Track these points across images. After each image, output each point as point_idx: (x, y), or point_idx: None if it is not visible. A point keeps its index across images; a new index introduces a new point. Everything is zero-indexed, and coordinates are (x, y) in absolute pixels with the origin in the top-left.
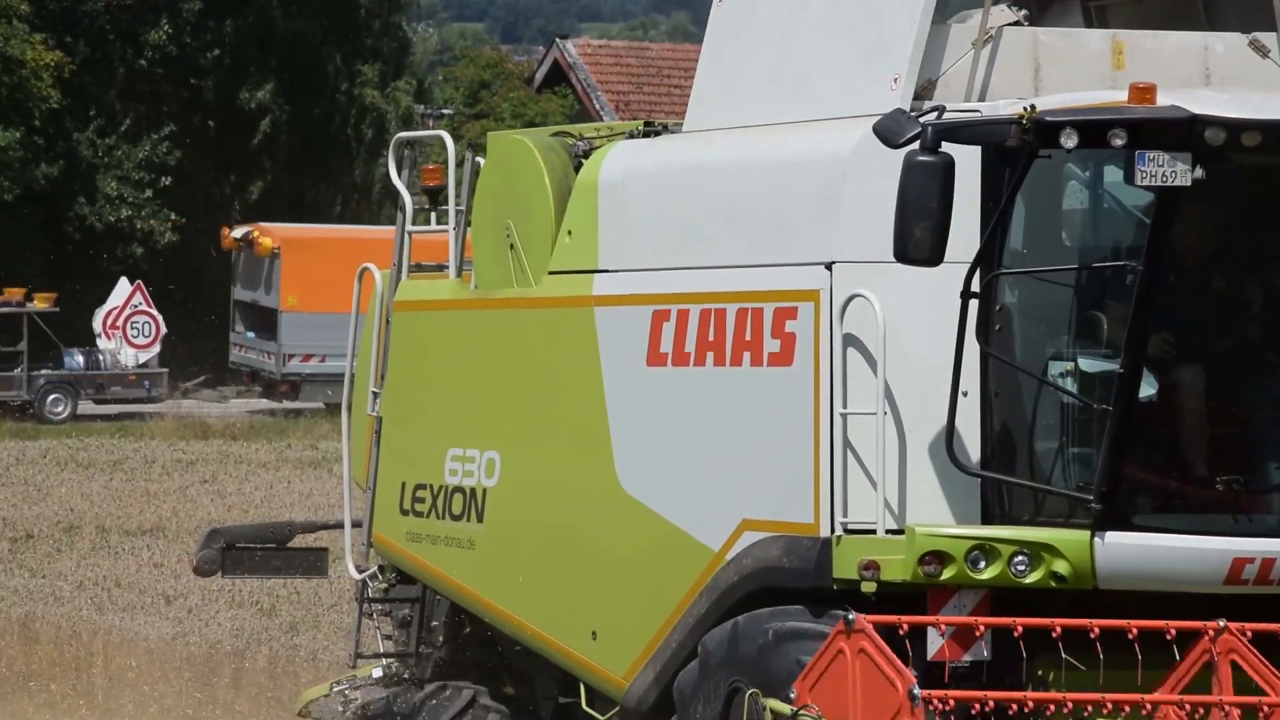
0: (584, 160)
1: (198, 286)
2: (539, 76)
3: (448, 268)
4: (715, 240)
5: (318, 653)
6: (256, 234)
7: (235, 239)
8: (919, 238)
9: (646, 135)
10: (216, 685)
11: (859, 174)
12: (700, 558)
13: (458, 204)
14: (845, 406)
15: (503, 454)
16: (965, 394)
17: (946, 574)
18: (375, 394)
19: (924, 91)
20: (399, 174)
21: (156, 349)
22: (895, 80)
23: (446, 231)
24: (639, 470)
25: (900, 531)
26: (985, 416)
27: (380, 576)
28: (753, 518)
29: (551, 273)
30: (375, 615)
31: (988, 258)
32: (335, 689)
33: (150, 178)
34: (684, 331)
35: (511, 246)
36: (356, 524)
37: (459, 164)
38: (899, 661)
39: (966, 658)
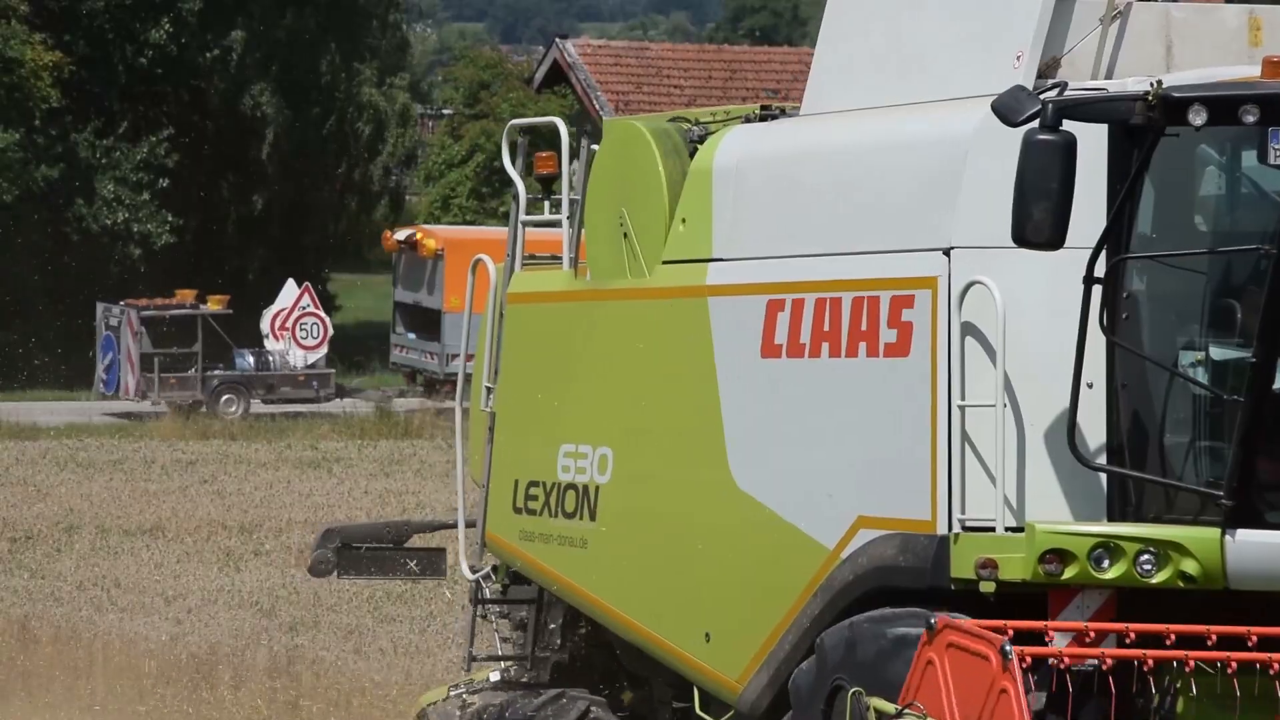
0: (699, 146)
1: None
2: (539, 76)
3: (562, 259)
4: (830, 226)
5: (318, 653)
6: (420, 236)
7: (398, 241)
8: (1038, 220)
9: (763, 119)
10: (216, 685)
11: (979, 155)
12: (815, 556)
13: (571, 193)
14: (963, 398)
15: (615, 450)
16: (1090, 385)
17: (1068, 573)
18: (489, 390)
19: (1048, 70)
20: (512, 162)
21: (324, 350)
22: (1018, 58)
23: (560, 221)
24: (753, 466)
25: (1020, 529)
26: (1110, 408)
27: (494, 577)
28: (868, 514)
29: (665, 262)
30: (492, 617)
31: (1113, 242)
32: (453, 693)
33: (148, 179)
34: (799, 321)
35: (625, 235)
36: (471, 524)
37: (573, 152)
38: (987, 631)
39: (1089, 662)
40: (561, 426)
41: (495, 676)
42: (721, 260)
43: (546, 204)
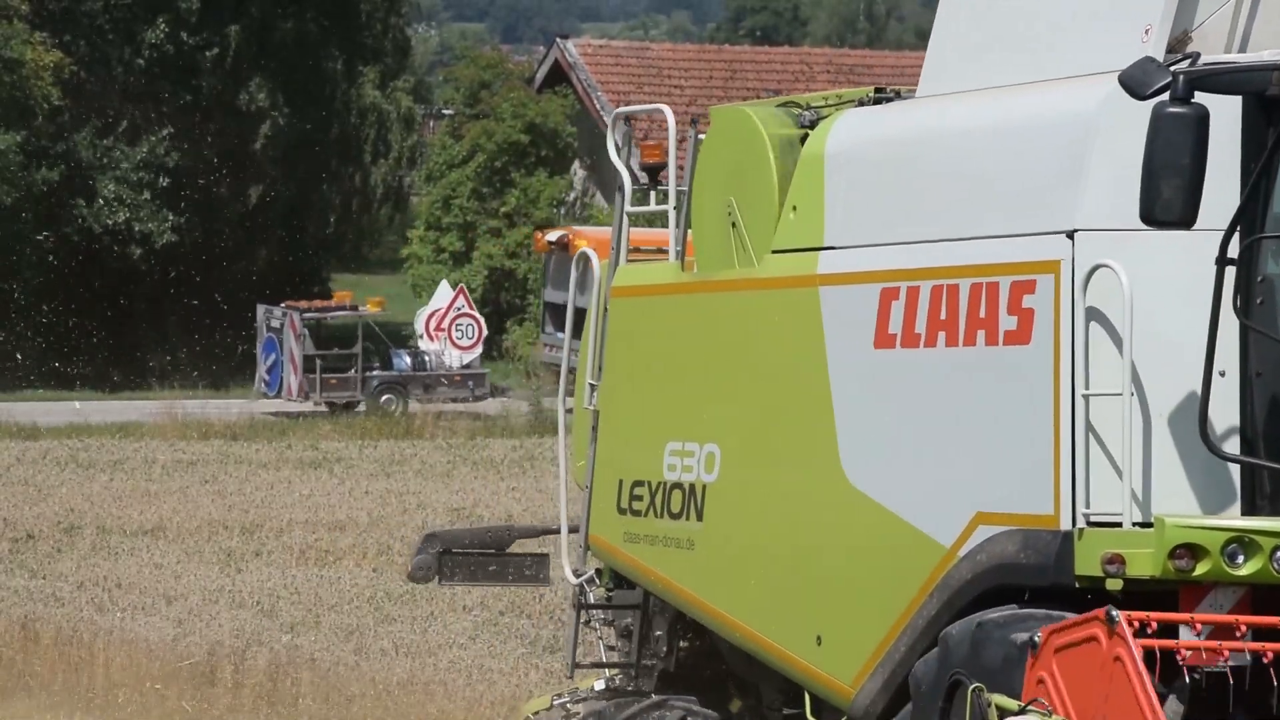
0: (809, 131)
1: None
2: (539, 76)
3: (668, 251)
4: (947, 211)
5: (318, 653)
6: (570, 237)
7: (549, 242)
8: (1168, 197)
9: (876, 103)
10: (217, 685)
11: (1105, 133)
12: (931, 554)
13: (678, 182)
14: (1088, 388)
15: (723, 447)
16: (1222, 373)
17: (1200, 569)
18: (592, 386)
19: (1177, 44)
20: (618, 152)
21: (479, 350)
22: (1146, 31)
23: (665, 212)
24: (865, 461)
25: (1148, 524)
26: (1244, 397)
27: (598, 580)
28: (987, 510)
29: (775, 251)
30: (595, 624)
31: (1248, 221)
32: (556, 701)
33: (149, 178)
34: (914, 310)
35: (733, 225)
36: (574, 528)
37: (680, 140)
38: (1088, 615)
39: (1226, 662)
40: (667, 423)
41: (600, 685)
42: (833, 248)
43: (652, 195)
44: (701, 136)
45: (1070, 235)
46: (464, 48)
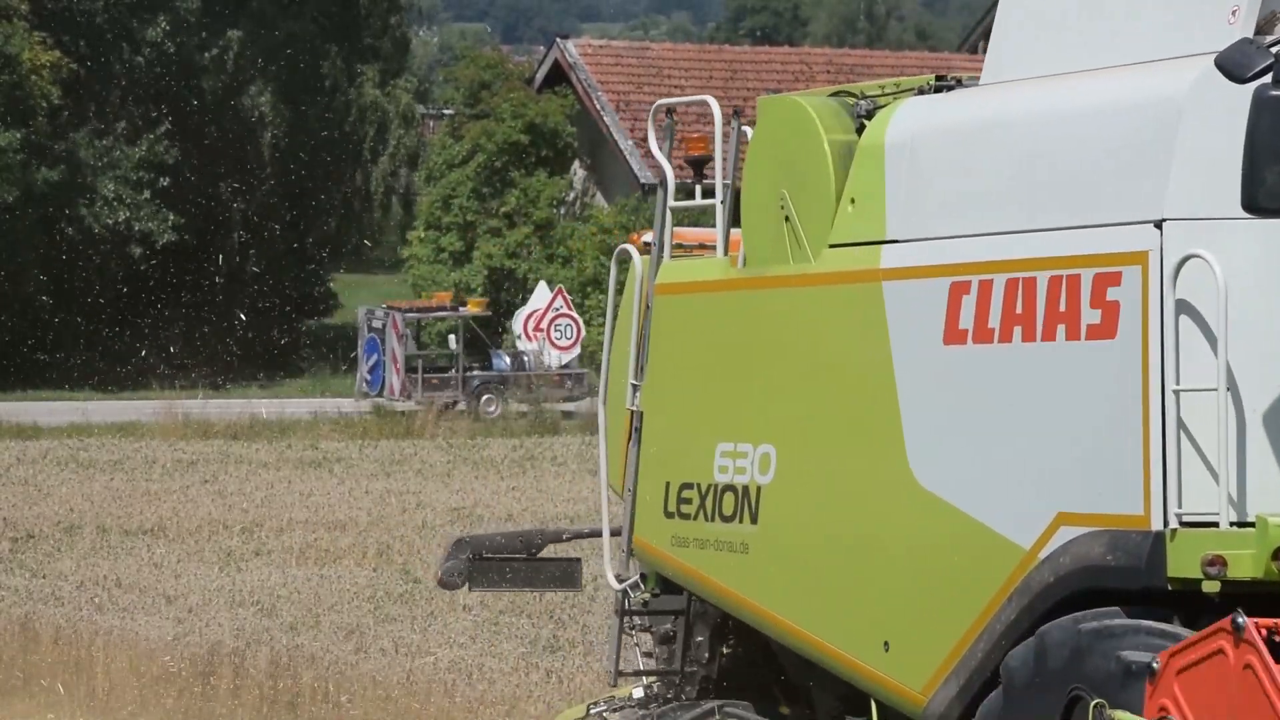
0: (866, 121)
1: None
2: (539, 76)
3: (713, 247)
4: (1022, 201)
5: (318, 653)
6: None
7: (645, 243)
8: (1271, 184)
9: (938, 91)
10: (217, 685)
11: (1194, 118)
12: (1009, 557)
13: (724, 175)
14: (1179, 383)
15: (778, 447)
16: None
17: None
18: (634, 387)
19: (1266, 25)
20: (659, 145)
21: (577, 350)
22: (1233, 12)
23: (712, 205)
24: (936, 461)
25: (1246, 524)
26: None
27: (642, 586)
28: (1070, 511)
29: (832, 246)
30: (633, 631)
31: None
32: (592, 710)
33: (149, 177)
34: (986, 305)
35: (786, 219)
36: (614, 532)
37: (725, 132)
38: (1209, 630)
39: None
40: (718, 424)
41: (639, 693)
42: (897, 242)
43: (698, 188)
44: (745, 129)
45: (1158, 225)
46: (464, 48)
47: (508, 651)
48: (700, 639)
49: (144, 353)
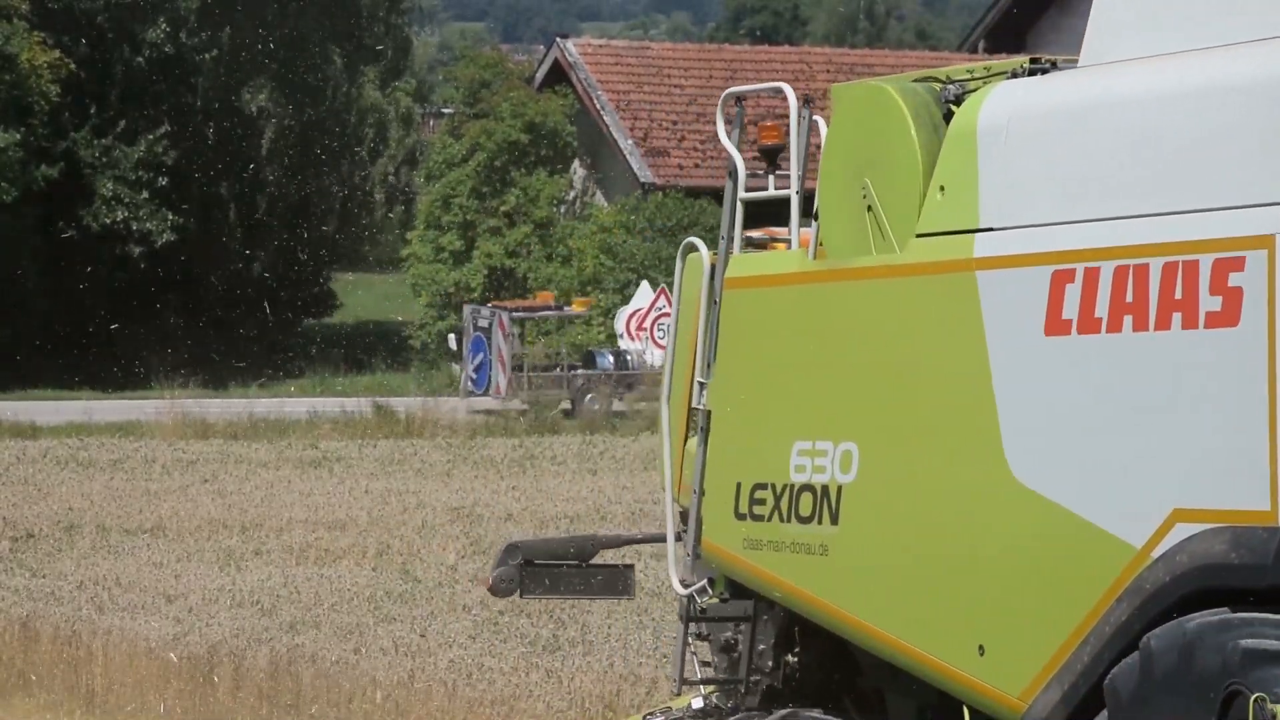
0: (954, 107)
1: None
2: (539, 76)
3: (783, 239)
4: (1131, 185)
5: (318, 653)
6: (769, 237)
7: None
8: None
9: (1033, 73)
10: (217, 685)
11: None
12: (1118, 556)
13: (799, 165)
14: None
15: (861, 445)
16: None
17: None
18: (701, 385)
19: None
20: (728, 133)
21: None
22: None
23: (786, 196)
24: (1036, 456)
25: None
26: None
27: (710, 591)
28: (1187, 507)
29: (919, 235)
30: (690, 638)
31: None
32: None
33: (148, 177)
34: (1093, 293)
35: (869, 209)
36: (676, 536)
37: (800, 120)
38: None
39: None
40: (794, 422)
41: (698, 703)
42: (991, 230)
43: (771, 179)
44: (817, 118)
45: None
46: (464, 47)
47: (508, 651)
48: (763, 646)
49: (144, 352)
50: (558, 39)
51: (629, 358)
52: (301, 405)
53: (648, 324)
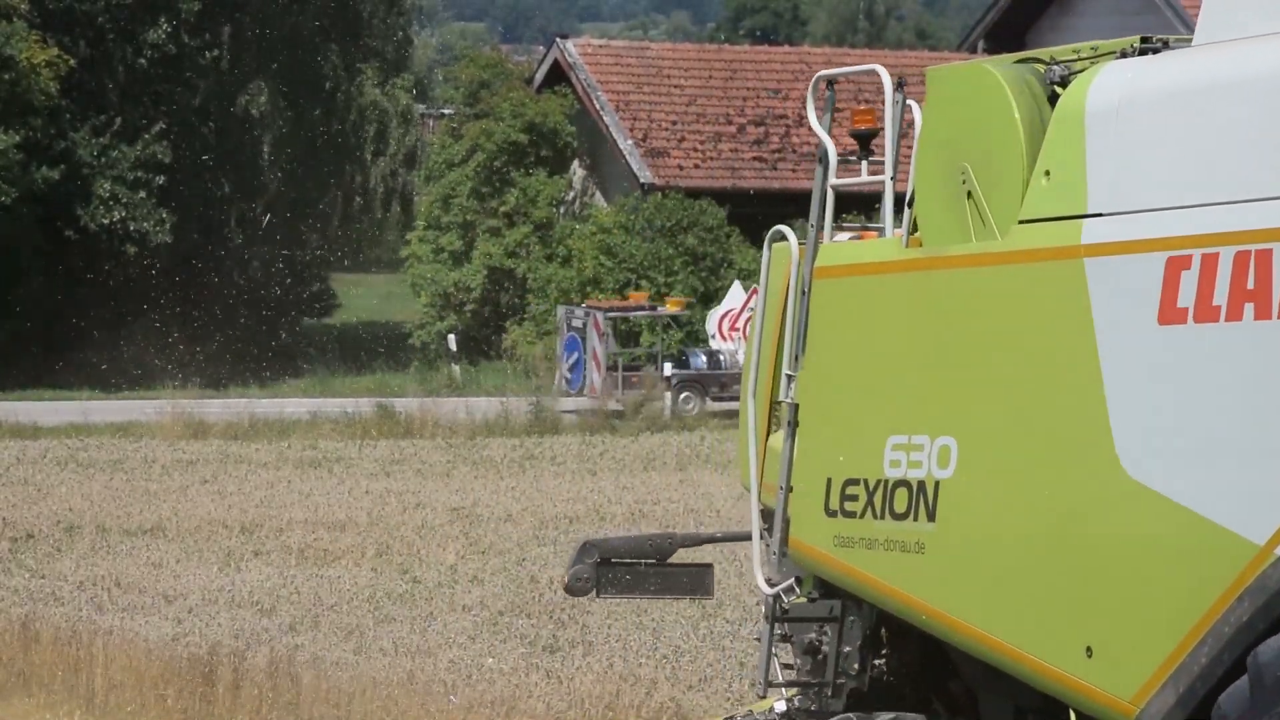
0: (1059, 89)
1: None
2: (539, 76)
3: (874, 227)
4: (1257, 168)
5: (318, 653)
6: (862, 235)
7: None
8: None
9: (1144, 53)
10: (216, 685)
11: None
12: (1238, 554)
13: (893, 150)
14: None
15: (960, 439)
16: None
17: None
18: (789, 378)
19: None
20: (818, 118)
21: None
22: None
23: (879, 183)
24: (1149, 451)
25: None
26: None
27: (798, 590)
28: None
29: (1022, 221)
30: (781, 638)
31: None
32: None
33: (145, 177)
34: (1211, 280)
35: (969, 194)
36: (745, 534)
37: (894, 104)
38: None
39: None
40: (888, 415)
41: (780, 706)
42: (1100, 215)
43: (864, 164)
44: (910, 101)
45: None
46: (464, 48)
47: (508, 651)
48: (849, 648)
49: (144, 352)
50: (557, 39)
51: (721, 358)
52: (301, 405)
53: (740, 324)
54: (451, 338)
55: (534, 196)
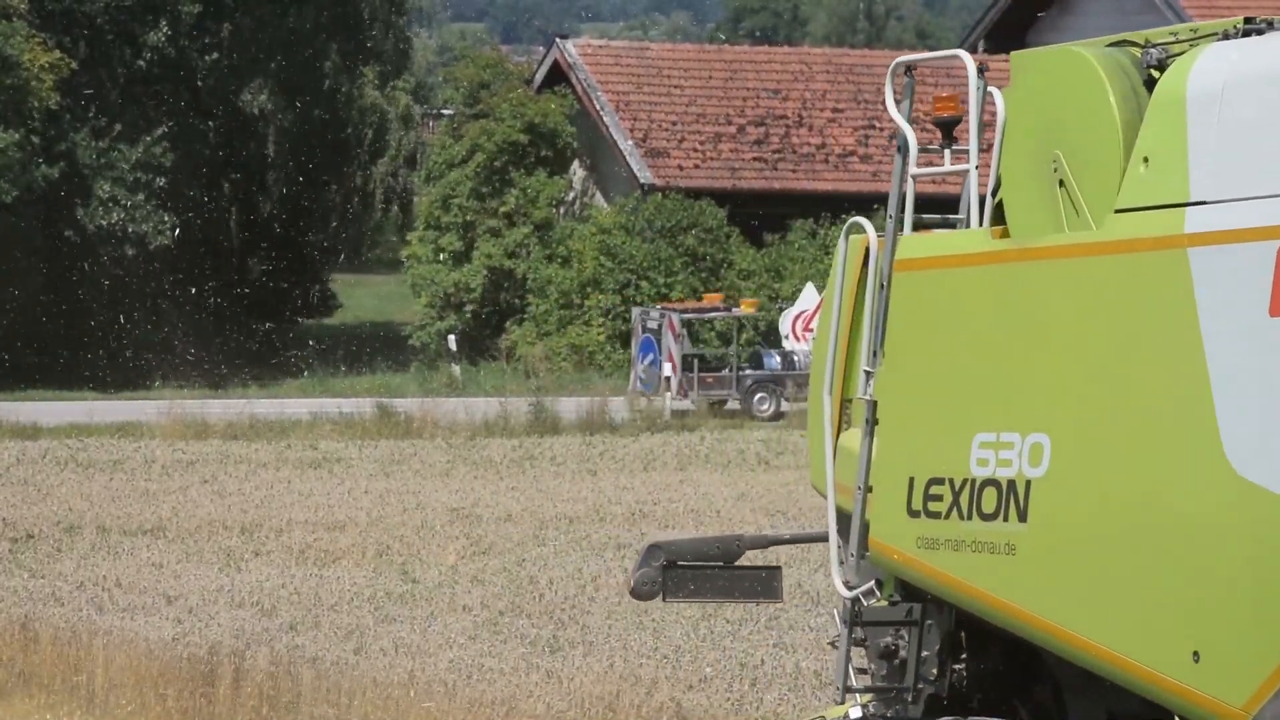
0: (1156, 72)
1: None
2: (539, 76)
3: (956, 218)
4: None
5: (318, 653)
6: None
7: None
8: None
9: (1248, 34)
10: (217, 685)
11: None
12: None
13: (978, 138)
14: None
15: (1053, 436)
16: None
17: None
18: (867, 374)
19: None
20: (897, 105)
21: None
22: None
23: (962, 172)
24: (1260, 447)
25: None
26: None
27: (878, 593)
28: None
29: (1119, 210)
30: (839, 643)
31: None
32: None
33: (145, 179)
34: None
35: (1060, 183)
36: (815, 535)
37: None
38: None
39: None
40: (975, 412)
41: (855, 713)
42: (1205, 203)
43: (946, 154)
44: (991, 88)
45: None
46: (464, 48)
47: (508, 651)
48: (925, 654)
49: (144, 353)
50: (557, 40)
51: (795, 358)
52: (301, 406)
53: (814, 325)
54: (451, 338)
55: (534, 197)
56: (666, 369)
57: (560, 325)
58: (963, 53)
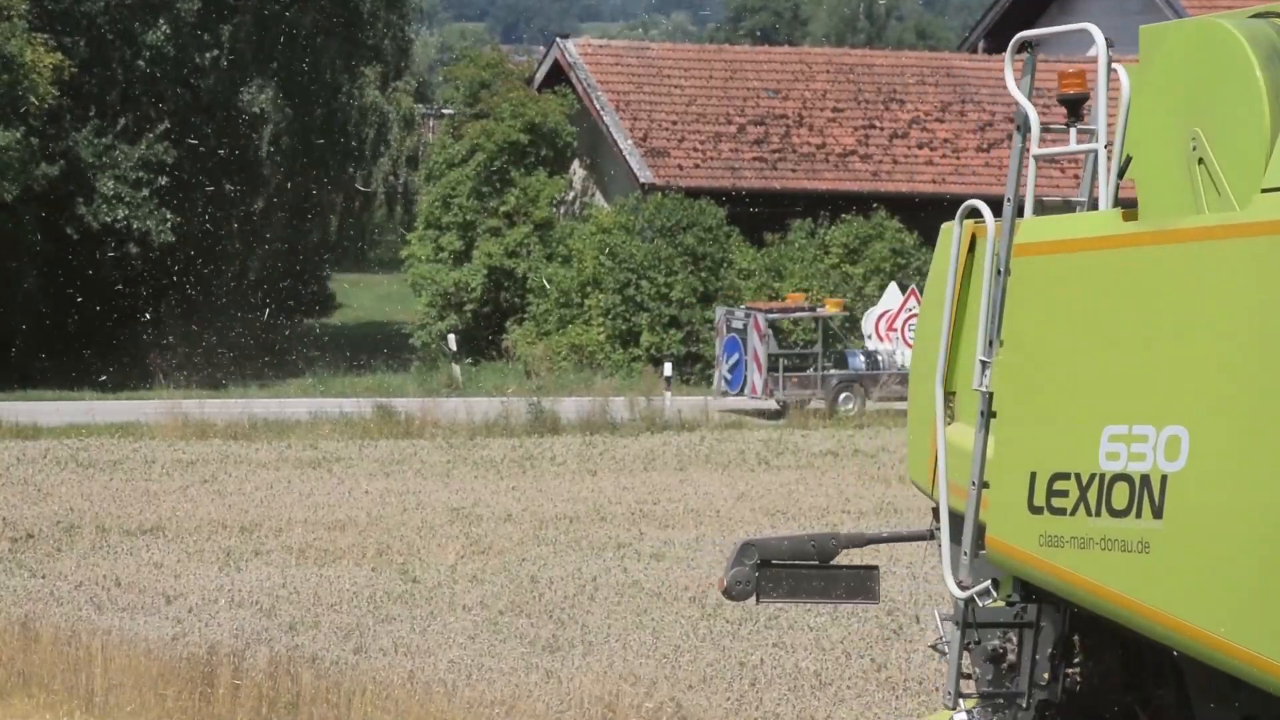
0: None
1: (197, 285)
2: (539, 76)
3: (1079, 201)
4: None
5: (318, 653)
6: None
7: None
8: None
9: None
10: (217, 685)
11: None
12: None
13: (1107, 115)
14: None
15: (1191, 429)
16: None
17: None
18: (983, 364)
19: None
20: (1017, 82)
21: None
22: None
23: (1088, 152)
24: None
25: None
26: None
27: (994, 593)
28: None
29: (1265, 190)
30: (943, 646)
31: None
32: None
33: (147, 176)
34: None
35: (1199, 161)
36: (914, 534)
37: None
38: None
39: None
40: (1105, 404)
41: (960, 717)
42: None
43: (1071, 132)
44: (1116, 65)
45: None
46: (464, 48)
47: (507, 651)
48: (1037, 657)
49: (144, 352)
50: (557, 39)
51: (880, 358)
52: (301, 405)
53: (898, 325)
54: (451, 338)
55: (534, 196)
56: (753, 368)
57: (560, 325)
58: (1091, 26)
